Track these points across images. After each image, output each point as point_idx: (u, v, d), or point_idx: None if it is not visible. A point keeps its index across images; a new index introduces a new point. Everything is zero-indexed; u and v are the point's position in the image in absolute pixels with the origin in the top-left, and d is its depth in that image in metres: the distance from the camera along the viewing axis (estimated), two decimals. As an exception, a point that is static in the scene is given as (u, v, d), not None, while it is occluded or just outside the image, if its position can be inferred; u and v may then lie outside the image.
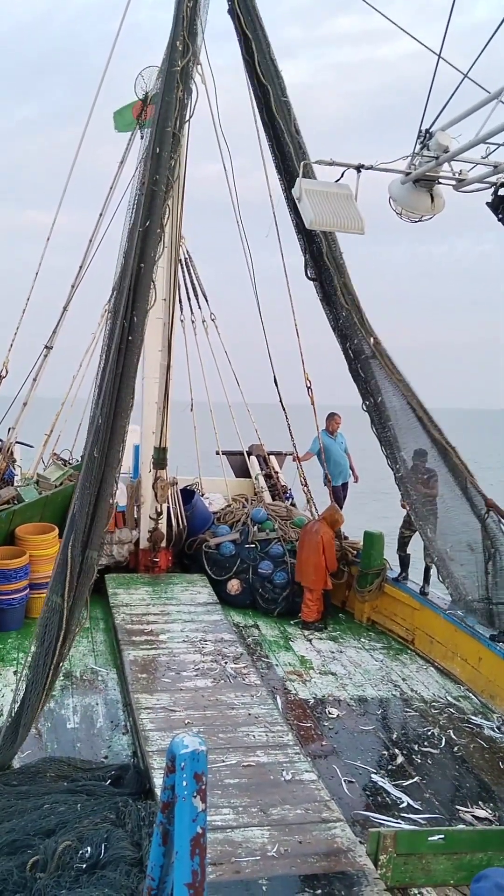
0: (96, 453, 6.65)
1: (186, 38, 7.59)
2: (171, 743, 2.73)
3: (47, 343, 12.77)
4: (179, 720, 7.38)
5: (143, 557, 12.28)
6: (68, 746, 7.36)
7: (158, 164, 7.12)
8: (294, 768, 6.58)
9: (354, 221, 6.40)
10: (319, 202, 6.34)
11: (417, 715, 8.44)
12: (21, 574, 10.22)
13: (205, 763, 2.64)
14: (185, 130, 7.51)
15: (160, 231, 7.07)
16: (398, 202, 6.55)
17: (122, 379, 6.75)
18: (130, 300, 6.91)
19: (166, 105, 7.28)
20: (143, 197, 7.09)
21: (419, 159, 6.29)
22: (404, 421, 7.67)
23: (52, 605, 6.40)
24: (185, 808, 2.62)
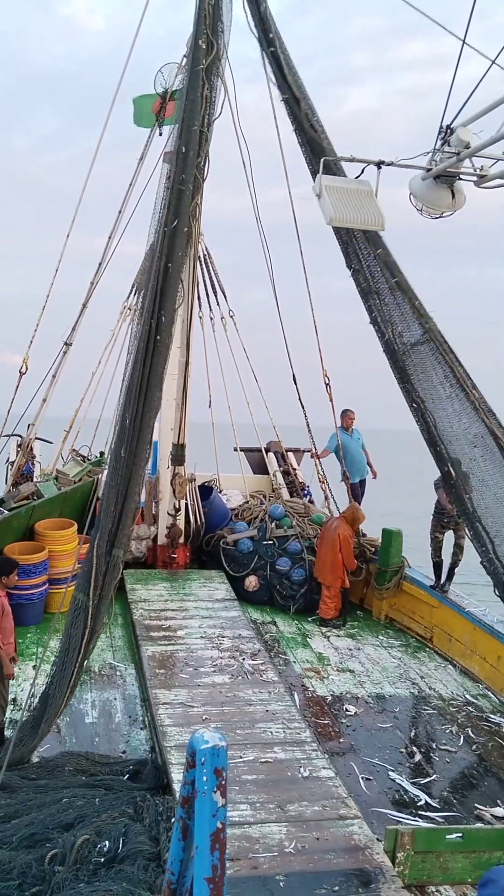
0: (123, 452, 6.67)
1: (210, 35, 7.56)
2: (191, 738, 2.74)
3: (66, 340, 12.82)
4: (197, 716, 7.40)
5: (161, 553, 12.33)
6: (87, 741, 7.41)
7: (185, 164, 7.10)
8: (312, 765, 6.59)
9: (375, 218, 6.36)
10: (339, 199, 6.30)
11: (436, 713, 8.41)
12: (40, 569, 10.30)
13: (225, 758, 2.65)
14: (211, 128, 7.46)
15: (187, 230, 7.04)
16: (419, 198, 6.50)
17: (149, 378, 6.75)
18: (158, 300, 6.89)
19: (191, 104, 7.24)
20: (170, 196, 7.07)
21: (440, 155, 6.26)
22: (454, 407, 7.13)
23: (78, 602, 6.44)
24: (205, 804, 2.63)
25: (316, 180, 6.52)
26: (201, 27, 7.69)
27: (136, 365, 6.82)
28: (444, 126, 6.15)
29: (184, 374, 12.08)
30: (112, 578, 6.54)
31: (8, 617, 7.27)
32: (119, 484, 6.65)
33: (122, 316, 13.53)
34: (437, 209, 6.58)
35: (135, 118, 12.30)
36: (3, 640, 7.13)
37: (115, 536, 6.57)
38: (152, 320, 6.88)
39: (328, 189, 6.32)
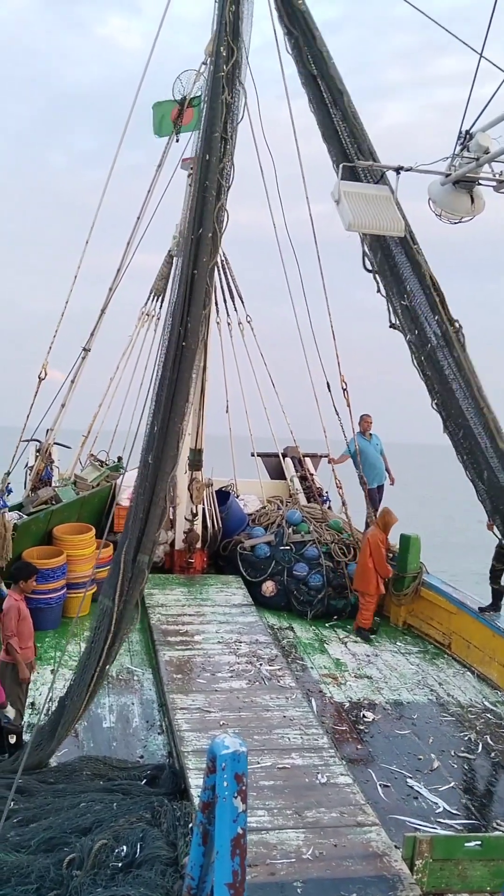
0: (151, 459, 6.69)
1: (231, 42, 7.57)
2: (211, 743, 2.74)
3: (85, 345, 12.88)
4: (214, 721, 7.40)
5: (178, 558, 12.35)
6: (104, 745, 7.42)
7: (208, 170, 7.11)
8: (329, 771, 6.56)
9: (394, 223, 6.36)
10: (358, 204, 6.30)
11: (454, 720, 8.37)
12: (58, 574, 10.33)
13: (245, 764, 2.65)
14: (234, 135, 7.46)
15: (212, 237, 7.06)
16: (438, 204, 6.49)
17: (176, 384, 6.78)
18: (186, 307, 6.91)
19: (213, 110, 7.25)
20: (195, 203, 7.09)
21: (459, 160, 6.25)
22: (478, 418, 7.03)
23: (103, 607, 6.47)
24: (225, 809, 2.63)
25: (335, 186, 6.53)
26: (222, 34, 7.71)
27: (164, 372, 6.85)
28: (463, 131, 6.15)
29: (201, 379, 12.09)
30: (138, 584, 6.57)
31: (26, 621, 7.31)
32: (146, 490, 6.67)
33: (140, 322, 13.58)
34: (456, 214, 6.57)
35: (154, 127, 12.35)
36: (22, 644, 7.18)
37: (140, 542, 6.59)
38: (180, 327, 6.90)
39: (347, 195, 6.33)
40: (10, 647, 7.03)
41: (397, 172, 6.42)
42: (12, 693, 7.15)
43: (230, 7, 7.76)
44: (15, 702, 7.17)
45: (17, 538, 10.23)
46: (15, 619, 7.11)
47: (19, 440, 12.23)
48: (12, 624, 7.08)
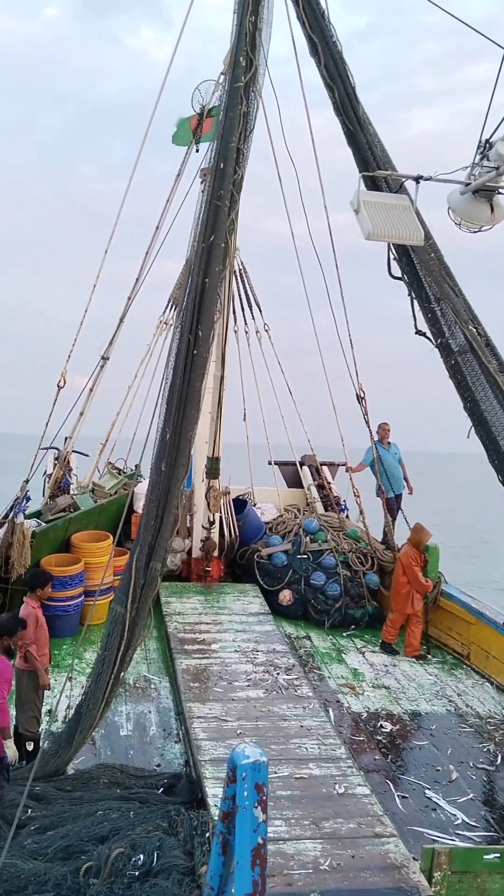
0: (164, 467, 6.71)
1: (249, 52, 7.61)
2: (231, 753, 2.74)
3: (104, 354, 12.94)
4: (231, 730, 7.38)
5: (195, 566, 12.35)
6: (121, 753, 7.42)
7: (222, 180, 7.14)
8: (347, 782, 6.53)
9: (413, 232, 6.36)
10: (377, 213, 6.31)
11: (472, 731, 8.30)
12: (76, 581, 10.36)
13: (265, 774, 2.64)
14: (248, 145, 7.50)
15: (224, 246, 7.08)
16: (457, 212, 6.48)
17: (187, 393, 6.80)
18: (195, 315, 6.93)
19: (230, 121, 7.29)
20: (207, 212, 7.12)
21: (479, 169, 6.24)
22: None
23: (115, 614, 6.47)
24: (245, 819, 2.62)
25: (353, 195, 6.54)
26: (240, 44, 7.74)
27: (175, 380, 6.87)
28: (483, 140, 6.14)
29: (219, 387, 12.13)
30: (150, 591, 6.56)
31: (42, 628, 7.31)
32: (159, 498, 6.68)
33: (158, 330, 13.64)
34: (475, 223, 6.55)
35: (173, 137, 12.44)
36: (38, 651, 7.18)
37: (153, 549, 6.60)
38: (190, 335, 6.92)
39: (366, 204, 6.33)
40: (30, 654, 7.04)
41: (417, 182, 6.42)
42: (29, 700, 7.16)
43: (249, 17, 7.80)
44: (32, 709, 7.18)
45: (36, 546, 10.28)
46: (32, 626, 7.12)
47: (38, 448, 12.28)
48: (30, 631, 7.09)
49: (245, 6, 7.81)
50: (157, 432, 7.02)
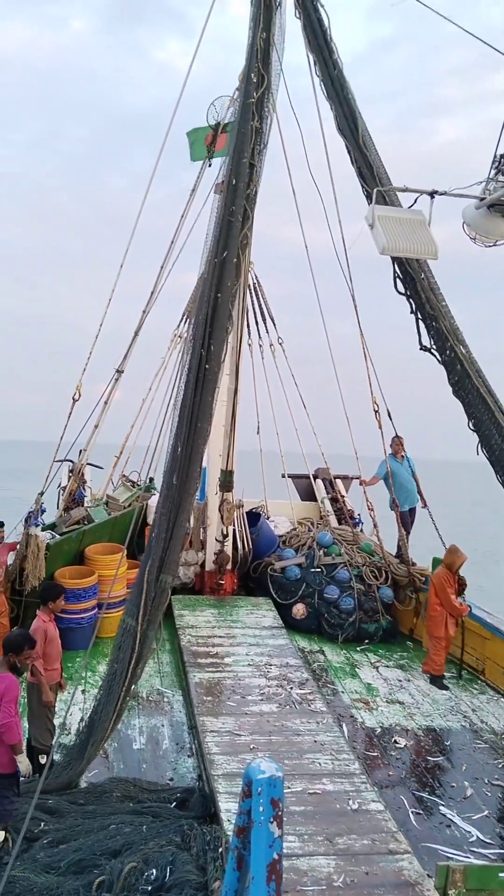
0: (175, 480, 6.73)
1: (261, 68, 7.69)
2: (247, 767, 2.73)
3: (118, 367, 13.01)
4: (245, 745, 7.36)
5: (208, 579, 12.35)
6: (134, 767, 7.41)
7: (235, 196, 7.21)
8: (361, 797, 6.49)
9: (428, 247, 6.39)
10: (392, 228, 6.34)
11: (487, 747, 8.24)
12: (90, 594, 10.38)
13: (281, 789, 2.64)
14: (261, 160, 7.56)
15: (237, 261, 7.13)
16: (472, 227, 6.51)
17: (199, 407, 6.83)
18: (208, 329, 6.98)
19: (242, 136, 7.37)
20: (220, 227, 7.18)
21: (493, 184, 6.26)
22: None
23: (126, 627, 6.48)
24: (261, 834, 2.61)
25: (368, 210, 6.57)
26: (253, 60, 7.82)
27: (187, 393, 6.91)
28: (497, 156, 6.16)
29: (232, 400, 12.16)
30: (160, 604, 6.57)
31: (53, 643, 7.28)
32: (170, 510, 6.70)
33: (173, 344, 13.71)
34: (490, 237, 6.58)
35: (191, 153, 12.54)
36: (48, 666, 7.15)
37: (163, 562, 6.61)
38: (202, 350, 6.96)
39: (381, 219, 6.36)
40: (35, 668, 7.03)
41: (431, 196, 6.45)
42: (40, 713, 7.15)
43: (261, 34, 7.89)
44: (44, 722, 7.17)
45: (50, 558, 10.31)
46: (42, 640, 7.09)
47: (52, 460, 12.35)
48: (38, 646, 7.06)
49: (257, 23, 7.92)
50: (168, 445, 7.06)
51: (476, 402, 7.11)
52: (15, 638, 6.40)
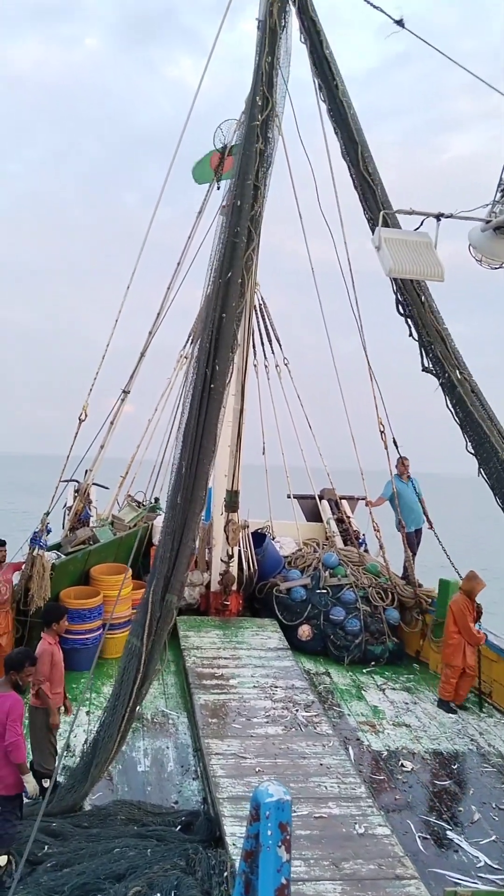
0: (179, 499, 6.74)
1: (266, 92, 7.79)
2: (255, 791, 2.71)
3: (125, 388, 13.05)
4: (250, 767, 7.30)
5: (213, 600, 12.31)
6: (139, 790, 7.35)
7: (240, 217, 7.28)
8: (367, 822, 6.42)
9: (434, 269, 6.43)
10: (399, 251, 6.39)
11: (495, 771, 8.16)
12: (95, 614, 10.35)
13: (289, 813, 2.62)
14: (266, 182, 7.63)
15: (241, 281, 7.19)
16: (478, 249, 6.55)
17: (204, 426, 6.85)
18: (212, 349, 7.02)
19: (247, 158, 7.46)
20: (225, 248, 7.25)
21: (499, 207, 6.31)
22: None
23: (131, 647, 6.45)
24: (269, 858, 2.59)
25: (375, 233, 6.62)
26: (258, 84, 7.93)
27: (192, 413, 6.93)
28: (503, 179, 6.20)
29: (238, 421, 12.18)
30: (165, 624, 6.55)
31: (57, 667, 7.23)
32: (175, 530, 6.70)
33: (179, 364, 13.76)
34: (496, 259, 6.61)
35: (194, 174, 12.66)
36: (52, 689, 7.11)
37: (169, 582, 6.60)
38: (207, 369, 6.99)
39: (387, 241, 6.41)
40: (42, 692, 7.00)
41: (437, 219, 6.49)
42: (43, 738, 7.09)
43: (266, 58, 8.01)
44: (47, 746, 7.13)
45: (55, 578, 10.30)
46: (48, 663, 7.06)
47: (58, 480, 12.36)
48: (45, 668, 7.03)
49: (262, 47, 8.05)
50: (173, 465, 7.07)
51: (475, 426, 7.16)
52: (16, 655, 6.39)
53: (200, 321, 12.97)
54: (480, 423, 7.07)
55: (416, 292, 7.30)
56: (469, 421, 7.15)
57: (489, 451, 7.09)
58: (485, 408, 7.19)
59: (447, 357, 7.23)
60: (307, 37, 8.12)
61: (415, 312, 7.31)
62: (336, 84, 7.93)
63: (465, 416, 7.18)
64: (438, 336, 7.25)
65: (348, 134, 7.80)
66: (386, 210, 7.00)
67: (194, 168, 12.81)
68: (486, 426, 7.07)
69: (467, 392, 7.12)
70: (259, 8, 8.46)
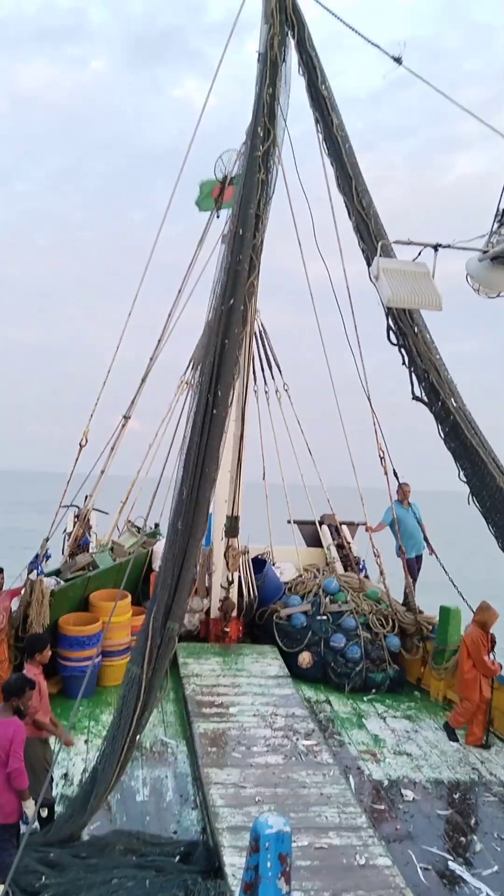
0: (180, 525, 6.75)
1: (267, 123, 7.92)
2: (255, 822, 2.71)
3: (125, 413, 13.10)
4: (250, 797, 7.24)
5: (213, 627, 12.26)
6: (137, 819, 7.28)
7: (242, 245, 7.38)
8: (368, 852, 6.36)
9: (432, 298, 6.49)
10: (397, 280, 6.46)
11: (497, 800, 8.09)
12: (94, 641, 10.29)
13: (289, 844, 2.61)
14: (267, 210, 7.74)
15: (243, 309, 7.26)
16: (475, 279, 6.62)
17: (206, 452, 6.88)
18: (215, 375, 7.08)
19: (248, 188, 7.57)
20: (227, 276, 7.33)
21: (496, 238, 6.38)
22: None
23: (131, 675, 6.42)
24: (269, 890, 2.58)
25: (373, 263, 6.69)
26: (259, 115, 8.06)
27: (193, 439, 6.97)
28: (500, 209, 6.28)
29: (238, 446, 12.21)
30: (167, 651, 6.53)
31: (44, 697, 7.12)
32: (176, 556, 6.70)
33: (180, 390, 13.82)
34: (494, 289, 6.68)
35: (196, 202, 12.81)
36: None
37: (170, 609, 6.59)
38: (209, 395, 7.04)
39: (386, 271, 6.48)
40: (38, 721, 6.93)
41: (435, 249, 6.56)
42: (39, 768, 7.00)
43: (266, 89, 8.14)
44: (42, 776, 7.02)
45: (54, 604, 10.26)
46: (37, 693, 6.98)
47: (59, 506, 12.36)
48: (36, 699, 6.94)
49: (263, 79, 8.19)
50: (175, 491, 7.09)
51: (468, 454, 7.21)
52: (15, 681, 6.36)
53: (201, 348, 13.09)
54: (478, 448, 7.09)
55: (411, 322, 7.36)
56: (462, 449, 7.19)
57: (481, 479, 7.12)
58: (478, 435, 7.23)
59: (441, 385, 7.28)
60: (305, 70, 8.26)
61: (409, 342, 7.38)
62: (332, 119, 8.05)
63: (459, 445, 7.23)
64: (432, 365, 7.31)
65: (343, 168, 7.92)
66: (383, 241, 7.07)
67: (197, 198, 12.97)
68: (481, 452, 7.10)
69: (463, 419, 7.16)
70: (260, 40, 8.61)
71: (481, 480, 7.10)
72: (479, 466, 7.11)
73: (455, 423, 7.19)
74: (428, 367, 7.30)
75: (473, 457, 7.15)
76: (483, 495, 7.10)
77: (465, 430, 7.16)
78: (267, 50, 8.28)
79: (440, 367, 7.38)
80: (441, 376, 7.35)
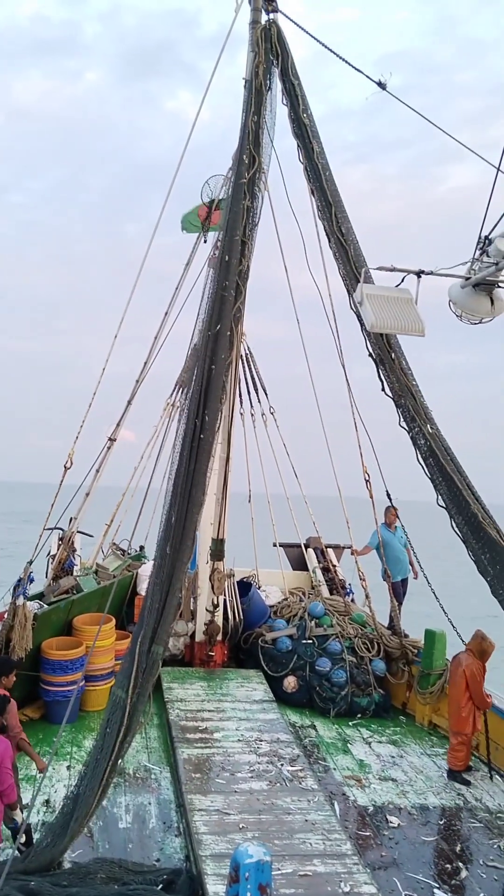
0: (168, 549, 6.74)
1: (252, 150, 8.03)
2: (235, 851, 2.68)
3: (111, 435, 13.10)
4: (234, 824, 7.17)
5: (198, 651, 12.19)
6: (119, 847, 7.19)
7: (228, 271, 7.45)
8: (353, 880, 6.30)
9: (415, 324, 6.57)
10: (380, 306, 6.54)
11: (482, 826, 8.04)
12: (77, 665, 10.20)
13: (269, 874, 2.58)
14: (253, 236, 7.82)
15: (230, 334, 7.32)
16: (458, 305, 6.70)
17: (194, 476, 6.89)
18: (202, 401, 7.11)
19: (234, 215, 7.66)
20: (213, 301, 7.39)
21: (478, 264, 6.47)
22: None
23: (115, 699, 6.38)
24: (248, 922, 2.55)
25: (357, 289, 6.76)
26: (245, 143, 8.17)
27: (181, 464, 6.98)
28: (482, 236, 6.37)
29: (224, 469, 12.21)
30: (151, 676, 6.49)
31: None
32: (163, 581, 6.69)
33: (165, 412, 13.85)
34: (476, 315, 6.75)
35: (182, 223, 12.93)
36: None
37: (156, 633, 6.56)
38: (196, 420, 7.06)
39: (369, 297, 6.55)
40: (22, 742, 6.86)
41: (418, 276, 6.64)
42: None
43: (252, 117, 8.27)
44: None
45: (37, 628, 10.17)
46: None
47: (43, 528, 12.30)
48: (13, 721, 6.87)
49: (249, 107, 8.32)
50: (162, 514, 7.09)
51: (445, 481, 7.29)
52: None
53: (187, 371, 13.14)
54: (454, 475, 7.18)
55: (388, 349, 7.46)
56: (441, 474, 7.28)
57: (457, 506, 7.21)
58: (454, 462, 7.34)
59: (420, 411, 7.37)
60: (288, 99, 8.40)
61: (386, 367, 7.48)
62: (313, 147, 8.18)
63: (435, 472, 7.32)
64: (408, 391, 7.40)
65: (323, 195, 8.04)
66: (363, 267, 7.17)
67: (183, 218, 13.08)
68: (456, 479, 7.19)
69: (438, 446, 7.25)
70: (245, 68, 8.73)
71: (458, 506, 7.19)
72: (455, 493, 7.21)
73: (431, 449, 7.27)
74: (404, 393, 7.38)
75: (449, 483, 7.25)
76: (460, 520, 7.19)
77: (441, 457, 7.24)
78: (252, 78, 8.41)
79: (416, 393, 7.47)
80: (417, 402, 7.44)
